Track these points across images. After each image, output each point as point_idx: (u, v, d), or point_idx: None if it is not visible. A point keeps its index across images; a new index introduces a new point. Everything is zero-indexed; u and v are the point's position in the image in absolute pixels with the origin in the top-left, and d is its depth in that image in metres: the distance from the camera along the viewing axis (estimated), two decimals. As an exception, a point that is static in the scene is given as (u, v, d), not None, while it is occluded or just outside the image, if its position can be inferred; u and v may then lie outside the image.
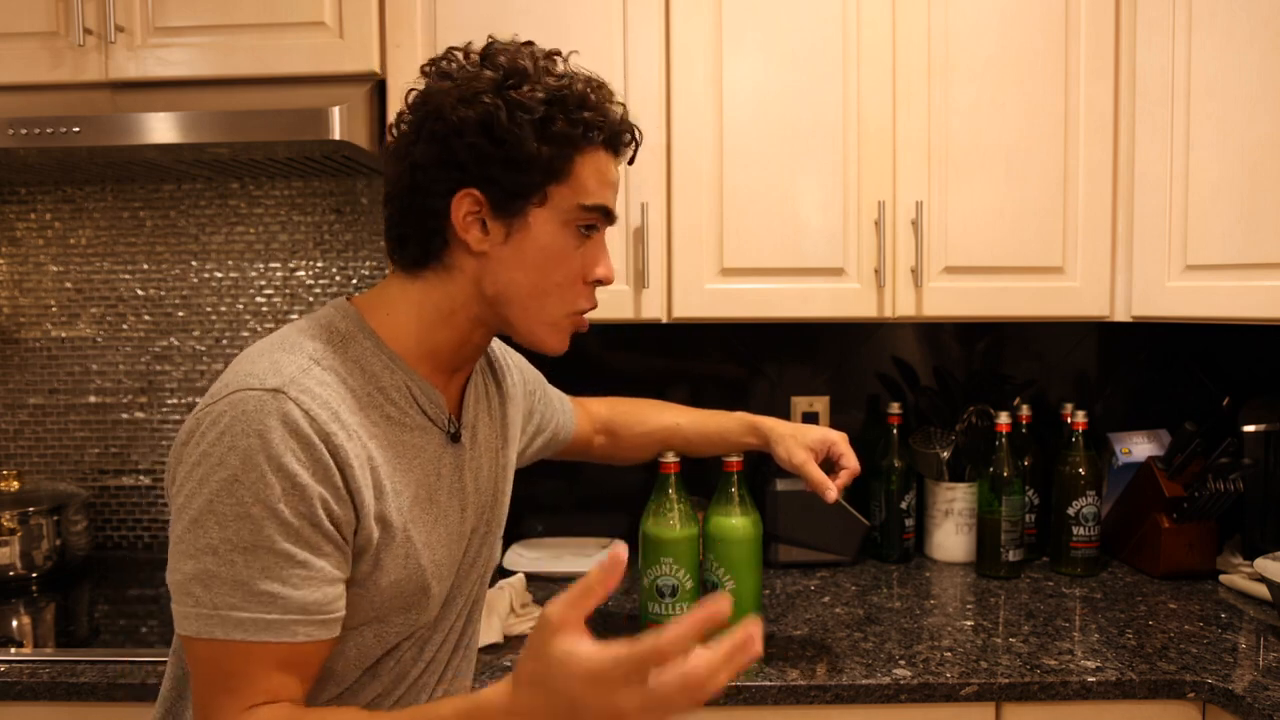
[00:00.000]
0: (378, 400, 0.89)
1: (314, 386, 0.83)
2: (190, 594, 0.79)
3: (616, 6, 1.57)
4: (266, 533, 0.79)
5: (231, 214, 1.94)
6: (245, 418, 0.79)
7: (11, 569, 1.68)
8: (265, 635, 0.79)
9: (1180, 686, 1.27)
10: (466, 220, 0.89)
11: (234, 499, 0.78)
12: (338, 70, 1.56)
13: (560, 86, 0.88)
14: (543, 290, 0.92)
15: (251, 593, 0.79)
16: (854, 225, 1.60)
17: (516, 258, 0.90)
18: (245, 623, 0.78)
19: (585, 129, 0.89)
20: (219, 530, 0.78)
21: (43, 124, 1.45)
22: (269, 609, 0.79)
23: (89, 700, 1.31)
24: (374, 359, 0.90)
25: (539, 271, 0.91)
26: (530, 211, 0.89)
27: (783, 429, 1.30)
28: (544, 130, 0.87)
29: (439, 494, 0.94)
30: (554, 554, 1.79)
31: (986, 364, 1.96)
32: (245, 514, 0.78)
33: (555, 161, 0.88)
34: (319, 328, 0.90)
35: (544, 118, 0.87)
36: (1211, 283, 1.52)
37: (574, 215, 0.90)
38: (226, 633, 0.78)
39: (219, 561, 0.78)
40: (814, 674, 1.28)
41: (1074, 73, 1.59)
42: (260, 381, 0.81)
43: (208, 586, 0.78)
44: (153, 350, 1.95)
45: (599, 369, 1.93)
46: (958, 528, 1.79)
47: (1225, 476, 1.61)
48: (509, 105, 0.86)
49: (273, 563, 0.79)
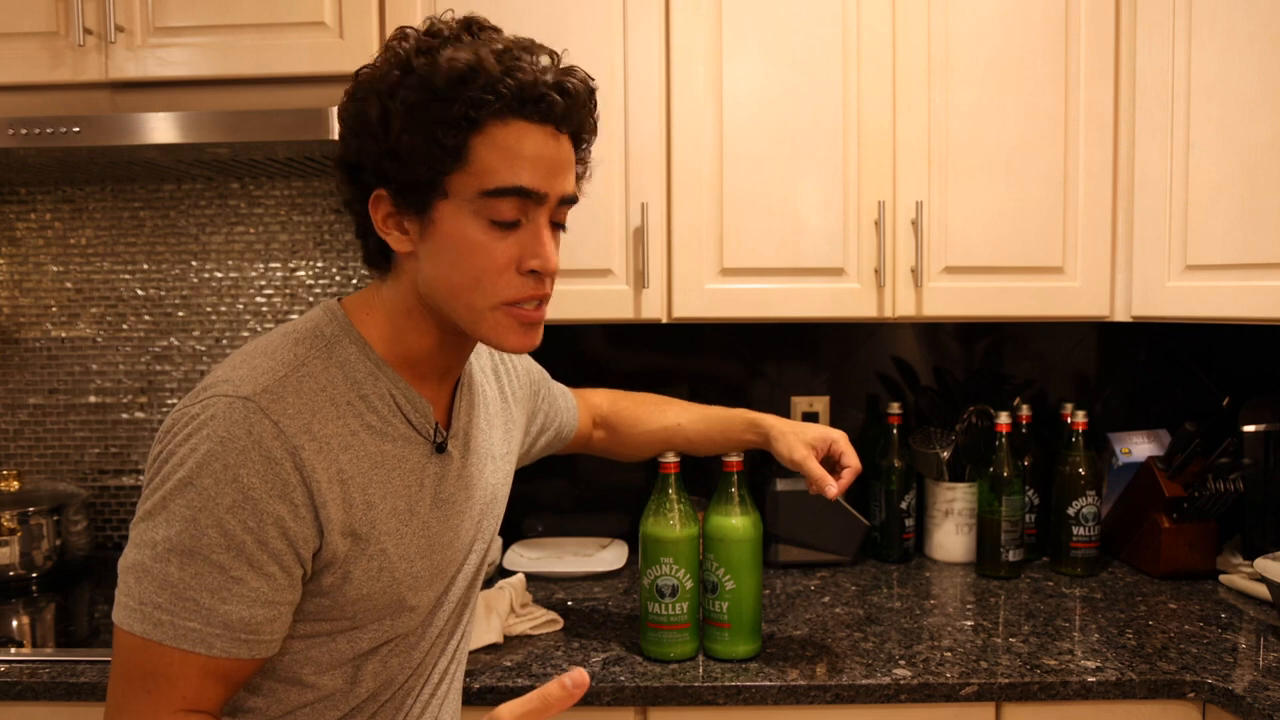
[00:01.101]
0: (359, 409, 0.87)
1: (289, 396, 0.82)
2: (125, 583, 0.80)
3: (616, 6, 1.57)
4: (206, 540, 0.78)
5: (231, 214, 1.94)
6: (212, 423, 0.79)
7: (11, 569, 1.68)
8: (183, 643, 0.78)
9: (1180, 686, 1.27)
10: (386, 223, 0.87)
11: (184, 501, 0.78)
12: (338, 70, 1.56)
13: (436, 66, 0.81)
14: (463, 286, 0.85)
15: (179, 596, 0.78)
16: (854, 225, 1.60)
17: (435, 254, 0.85)
18: (165, 624, 0.78)
19: (470, 106, 0.80)
20: (164, 528, 0.78)
21: (43, 124, 1.45)
22: (191, 617, 0.78)
23: (89, 700, 1.31)
24: (359, 365, 0.88)
25: (455, 267, 0.85)
26: (437, 205, 0.84)
27: (784, 426, 1.30)
28: (414, 118, 0.81)
29: (420, 505, 0.92)
30: (554, 554, 1.79)
31: (986, 364, 1.96)
32: (191, 518, 0.78)
33: (442, 150, 0.81)
34: (305, 331, 0.89)
35: (414, 104, 0.81)
36: (1211, 283, 1.52)
37: (479, 203, 0.83)
38: (146, 631, 0.78)
39: (156, 558, 0.78)
40: (814, 674, 1.28)
41: (1074, 74, 1.59)
42: (234, 388, 0.81)
43: (140, 580, 0.79)
44: (153, 350, 1.95)
45: (599, 369, 1.93)
46: (958, 528, 1.79)
47: (1225, 476, 1.61)
48: (381, 97, 0.82)
49: (205, 571, 0.78)
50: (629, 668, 1.31)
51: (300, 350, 0.86)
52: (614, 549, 1.83)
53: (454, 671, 1.04)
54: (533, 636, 1.44)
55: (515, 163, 0.83)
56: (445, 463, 0.96)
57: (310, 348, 0.87)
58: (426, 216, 0.85)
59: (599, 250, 1.59)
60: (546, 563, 1.75)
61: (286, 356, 0.85)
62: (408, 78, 0.82)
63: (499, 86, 0.81)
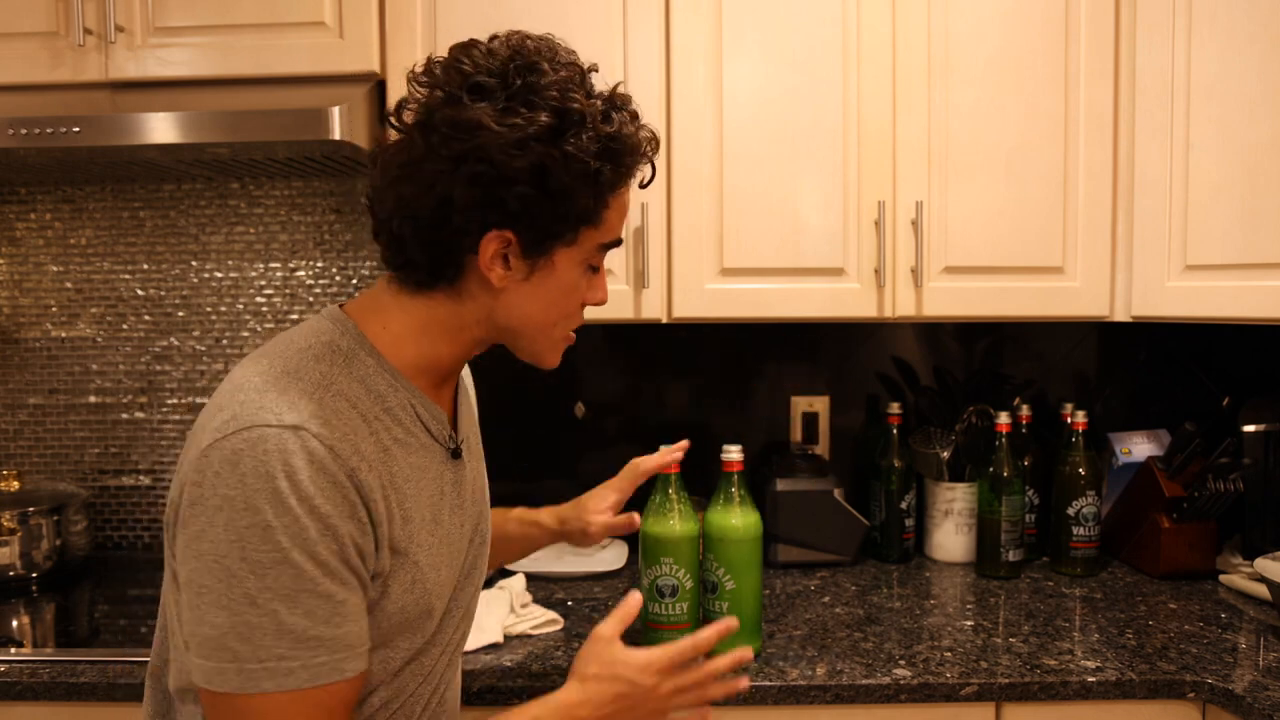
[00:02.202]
0: (386, 422, 0.86)
1: (331, 418, 0.80)
2: (226, 649, 0.75)
3: (616, 7, 1.57)
4: (309, 576, 0.76)
5: (231, 214, 1.94)
6: (269, 458, 0.76)
7: (11, 569, 1.68)
8: (320, 679, 0.77)
9: (1180, 686, 1.27)
10: (494, 259, 0.86)
11: (270, 545, 0.75)
12: (338, 70, 1.56)
13: (611, 134, 0.86)
14: (550, 321, 0.93)
15: (299, 640, 0.76)
16: (854, 225, 1.60)
17: (533, 293, 0.90)
18: (297, 670, 0.76)
19: (628, 175, 0.90)
20: (256, 580, 0.75)
21: (43, 124, 1.45)
22: (317, 652, 0.77)
23: (89, 700, 1.31)
24: (378, 377, 0.87)
25: (553, 305, 0.92)
26: (557, 251, 0.88)
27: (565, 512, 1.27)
28: (595, 181, 0.86)
29: (442, 513, 0.92)
30: (554, 554, 1.79)
31: (986, 364, 1.96)
32: (284, 559, 0.75)
33: (595, 208, 0.88)
34: (321, 347, 0.86)
35: (596, 170, 0.85)
36: (1211, 283, 1.52)
37: (594, 253, 0.91)
38: (278, 684, 0.75)
39: (260, 612, 0.75)
40: (814, 674, 1.28)
41: (1074, 74, 1.59)
42: (277, 418, 0.78)
43: (248, 639, 0.75)
44: (153, 350, 1.95)
45: (599, 369, 1.93)
46: (958, 528, 1.79)
47: (1225, 476, 1.61)
48: (565, 157, 0.83)
49: (316, 606, 0.77)
50: (629, 668, 1.31)
51: (323, 368, 0.84)
52: (614, 549, 1.83)
53: (453, 676, 1.04)
54: (533, 636, 1.44)
55: (622, 218, 0.93)
56: (458, 468, 0.96)
57: (331, 364, 0.85)
58: (545, 260, 0.88)
59: (599, 250, 1.58)
60: (546, 563, 1.74)
61: (314, 377, 0.83)
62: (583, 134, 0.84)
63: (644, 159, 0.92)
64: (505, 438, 1.26)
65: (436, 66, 0.86)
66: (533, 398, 1.90)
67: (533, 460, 1.37)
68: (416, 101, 0.86)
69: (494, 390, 1.18)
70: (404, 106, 0.87)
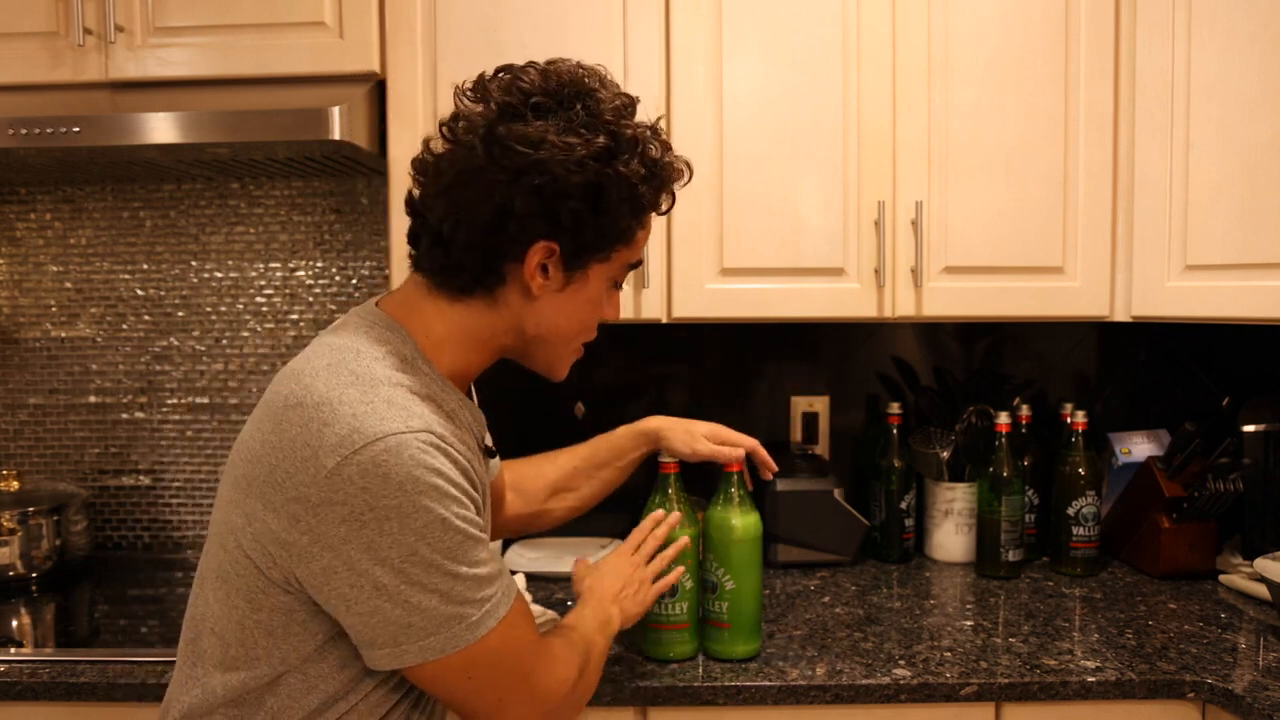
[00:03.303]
0: (450, 425, 0.91)
1: (438, 417, 0.88)
2: (450, 617, 0.85)
3: (616, 7, 1.57)
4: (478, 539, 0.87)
5: (231, 214, 1.94)
6: (416, 462, 0.82)
7: (11, 569, 1.68)
8: (513, 594, 0.91)
9: (1180, 686, 1.27)
10: (536, 269, 0.92)
11: (452, 531, 0.84)
12: (338, 70, 1.56)
13: (655, 161, 0.94)
14: (574, 332, 1.00)
15: (489, 581, 0.88)
16: (854, 225, 1.60)
17: (565, 305, 0.96)
18: (501, 600, 0.89)
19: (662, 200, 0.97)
20: (453, 561, 0.84)
21: (43, 124, 1.45)
22: (501, 580, 0.90)
23: (89, 700, 1.31)
24: (434, 383, 0.93)
25: (579, 318, 0.98)
26: (592, 266, 0.95)
27: (670, 423, 1.32)
28: (637, 204, 0.94)
29: (485, 510, 0.97)
30: (554, 554, 1.79)
31: (986, 364, 1.96)
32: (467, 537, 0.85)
33: (632, 228, 0.95)
34: (394, 358, 0.91)
35: (641, 193, 0.93)
36: (1211, 283, 1.52)
37: (621, 271, 0.99)
38: (498, 617, 0.88)
39: (463, 580, 0.85)
40: (814, 674, 1.28)
41: (1074, 74, 1.59)
42: (405, 424, 0.83)
43: (464, 601, 0.85)
44: (153, 350, 1.95)
45: (599, 369, 1.93)
46: (958, 528, 1.79)
47: (1225, 476, 1.61)
48: (617, 178, 0.90)
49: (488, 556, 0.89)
50: (629, 667, 1.31)
51: (406, 379, 0.90)
52: (614, 549, 1.83)
53: None
54: (533, 636, 1.44)
55: (646, 241, 1.01)
56: (489, 467, 1.03)
57: (409, 374, 0.90)
58: (580, 274, 0.95)
59: (599, 250, 1.58)
60: (546, 563, 1.74)
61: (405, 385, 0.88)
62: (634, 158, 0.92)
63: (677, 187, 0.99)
64: (505, 437, 1.26)
65: (491, 84, 0.92)
66: (533, 397, 1.90)
67: (533, 460, 1.40)
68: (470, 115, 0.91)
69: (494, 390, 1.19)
70: (459, 119, 0.92)
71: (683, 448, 1.28)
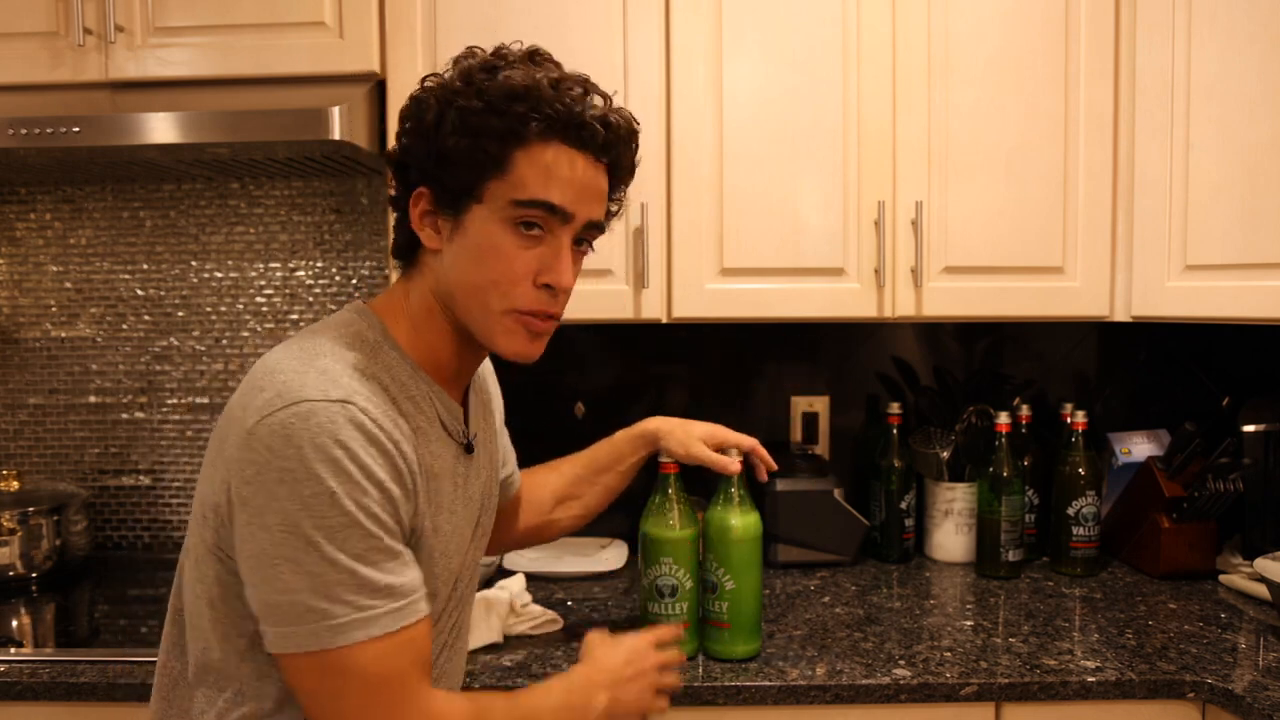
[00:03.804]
0: (409, 410, 0.90)
1: (373, 396, 0.85)
2: (311, 609, 0.79)
3: (616, 7, 1.57)
4: (375, 535, 0.81)
5: (231, 214, 1.94)
6: (323, 430, 0.79)
7: (11, 569, 1.68)
8: (401, 620, 0.82)
9: (1180, 686, 1.27)
10: (422, 220, 0.92)
11: (337, 509, 0.79)
12: (338, 70, 1.56)
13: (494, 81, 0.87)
14: (480, 287, 0.90)
15: (377, 590, 0.81)
16: (854, 225, 1.60)
17: (460, 254, 0.90)
18: (381, 617, 0.81)
19: (518, 121, 0.87)
20: (330, 543, 0.79)
21: (43, 124, 1.45)
22: (394, 598, 0.82)
23: (89, 700, 1.31)
24: (400, 369, 0.91)
25: (477, 268, 0.90)
26: (471, 208, 0.89)
27: (669, 424, 1.30)
28: (466, 125, 0.87)
29: (456, 504, 0.96)
30: (554, 554, 1.79)
31: (986, 364, 1.96)
32: (353, 522, 0.80)
33: (486, 157, 0.87)
34: (350, 336, 0.90)
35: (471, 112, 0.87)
36: (1211, 283, 1.52)
37: (509, 211, 0.88)
38: (367, 632, 0.80)
39: (338, 570, 0.79)
40: (814, 674, 1.28)
41: (1074, 74, 1.59)
42: (323, 394, 0.81)
43: (331, 597, 0.79)
44: (153, 350, 1.95)
45: (599, 369, 1.93)
46: (958, 528, 1.79)
47: (1225, 476, 1.61)
48: (442, 105, 0.88)
49: (383, 559, 0.82)
50: (629, 668, 1.31)
51: (355, 355, 0.88)
52: (614, 549, 1.83)
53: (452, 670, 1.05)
54: (533, 636, 1.44)
55: (550, 180, 0.89)
56: (469, 463, 1.00)
57: (361, 352, 0.89)
58: (459, 218, 0.90)
59: (599, 250, 1.56)
60: (546, 563, 1.74)
61: (348, 360, 0.87)
62: (467, 88, 0.88)
63: (547, 109, 0.87)
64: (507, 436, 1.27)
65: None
66: (532, 397, 1.90)
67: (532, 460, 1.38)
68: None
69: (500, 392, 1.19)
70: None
71: (679, 449, 1.28)
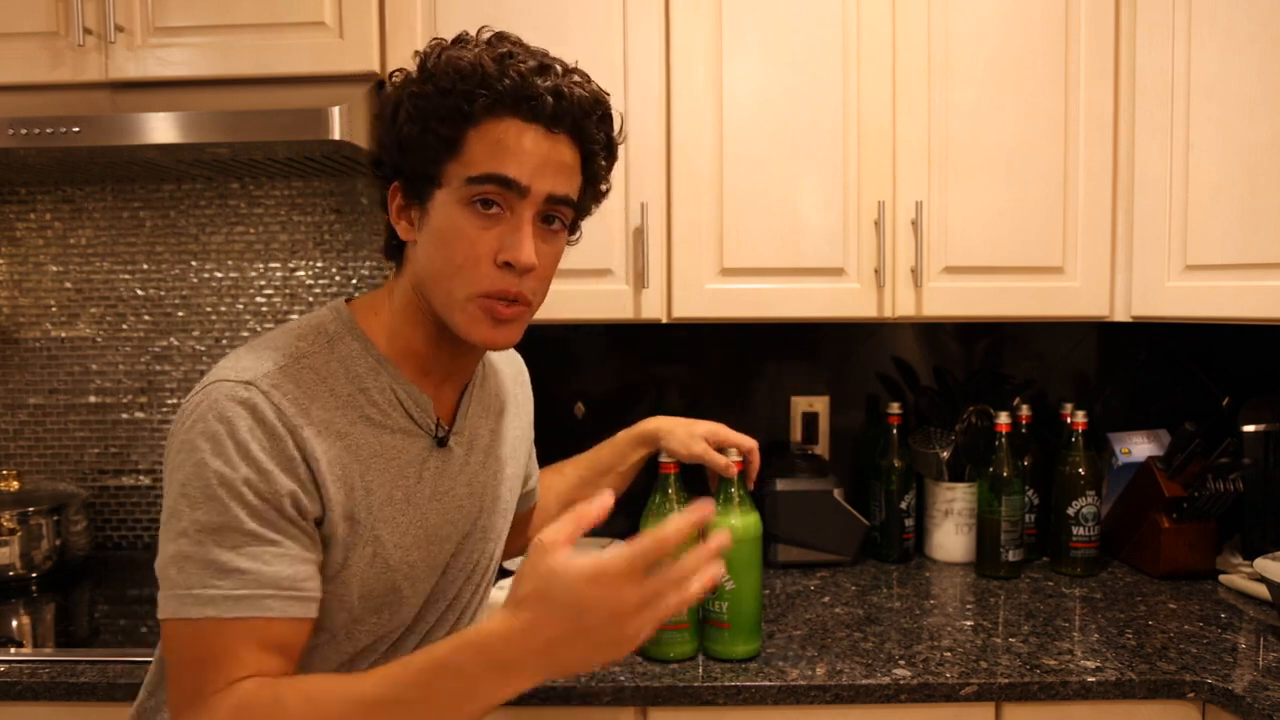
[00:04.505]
0: (358, 401, 0.90)
1: (287, 383, 0.86)
2: (167, 577, 0.82)
3: (616, 7, 1.57)
4: (233, 513, 0.81)
5: (231, 214, 1.94)
6: (216, 405, 0.82)
7: (11, 569, 1.68)
8: (238, 610, 0.80)
9: (1180, 686, 1.27)
10: (399, 214, 0.93)
11: (201, 482, 0.81)
12: (338, 70, 1.56)
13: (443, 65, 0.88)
14: (445, 272, 0.89)
15: (222, 570, 0.80)
16: (854, 225, 1.60)
17: (427, 242, 0.90)
18: (217, 599, 0.80)
19: (464, 100, 0.86)
20: (190, 513, 0.81)
21: (43, 124, 1.45)
22: (240, 585, 0.80)
23: (89, 700, 1.31)
24: (360, 360, 0.92)
25: (440, 253, 0.89)
26: (434, 194, 0.89)
27: (671, 424, 1.30)
28: (416, 110, 0.88)
29: (418, 496, 0.95)
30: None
31: (986, 364, 1.96)
32: (213, 495, 0.81)
33: (439, 140, 0.87)
34: (309, 328, 0.93)
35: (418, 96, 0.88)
36: (1211, 283, 1.52)
37: (464, 190, 0.87)
38: (200, 610, 0.80)
39: (191, 543, 0.81)
40: (814, 674, 1.28)
41: (1074, 74, 1.59)
42: (236, 374, 0.85)
43: (182, 568, 0.81)
44: (153, 350, 1.95)
45: (599, 369, 1.93)
46: (957, 528, 1.79)
47: (1225, 476, 1.61)
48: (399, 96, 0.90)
49: (242, 541, 0.81)
50: (629, 667, 1.31)
51: (303, 344, 0.90)
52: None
53: None
54: (533, 636, 1.44)
55: (502, 154, 0.87)
56: (447, 457, 0.98)
57: (312, 343, 0.91)
58: (424, 206, 0.90)
59: (599, 250, 1.58)
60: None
61: (290, 349, 0.89)
62: (419, 75, 0.89)
63: (493, 84, 0.86)
64: (534, 451, 1.27)
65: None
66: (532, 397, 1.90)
67: (533, 460, 1.40)
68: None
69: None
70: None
71: (681, 449, 1.28)
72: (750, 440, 1.31)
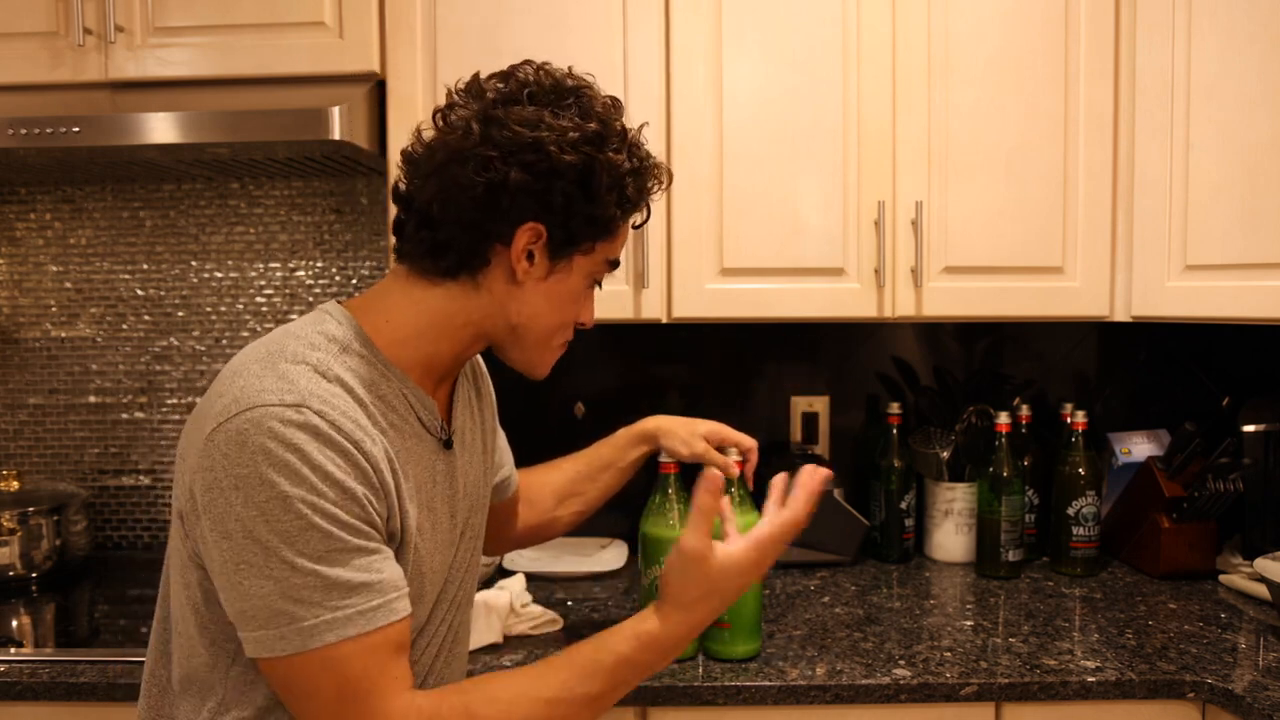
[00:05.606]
0: (380, 408, 0.89)
1: (330, 397, 0.83)
2: (281, 614, 0.78)
3: (616, 7, 1.57)
4: (336, 535, 0.80)
5: (231, 214, 1.94)
6: (275, 434, 0.79)
7: (11, 569, 1.68)
8: (378, 620, 0.81)
9: (1180, 686, 1.27)
10: (522, 252, 0.91)
11: (292, 513, 0.78)
12: (338, 70, 1.56)
13: (642, 158, 0.95)
14: (554, 326, 0.97)
15: (348, 588, 0.80)
16: (854, 225, 1.60)
17: (548, 295, 0.94)
18: (354, 617, 0.80)
19: (644, 198, 0.96)
20: (289, 547, 0.78)
21: (43, 124, 1.45)
22: (371, 596, 0.81)
23: (89, 700, 1.31)
24: (369, 367, 0.90)
25: (559, 311, 0.96)
26: (575, 258, 0.94)
27: (672, 423, 1.31)
28: (622, 195, 0.93)
29: (435, 500, 0.95)
30: (554, 554, 1.79)
31: (986, 364, 1.96)
32: (310, 524, 0.79)
33: (614, 223, 0.95)
34: (316, 335, 0.89)
35: (625, 184, 0.93)
36: (1211, 283, 1.52)
37: (600, 268, 0.97)
38: (339, 634, 0.79)
39: (301, 574, 0.78)
40: (814, 674, 1.28)
41: (1074, 74, 1.59)
42: (279, 397, 0.81)
43: (299, 600, 0.78)
44: (153, 350, 1.95)
45: (599, 369, 1.93)
46: (958, 528, 1.79)
47: (1225, 476, 1.61)
48: (606, 164, 0.91)
49: (351, 557, 0.81)
50: (629, 668, 1.31)
51: (319, 355, 0.87)
52: (614, 549, 1.83)
53: (450, 673, 1.04)
54: (532, 636, 1.44)
55: (624, 242, 1.00)
56: (450, 459, 0.99)
57: (326, 352, 0.88)
58: (565, 263, 0.94)
59: (599, 250, 1.58)
60: (546, 563, 1.75)
61: (311, 361, 0.86)
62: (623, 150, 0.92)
63: (658, 189, 0.99)
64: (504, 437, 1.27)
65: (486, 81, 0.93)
66: (532, 397, 1.90)
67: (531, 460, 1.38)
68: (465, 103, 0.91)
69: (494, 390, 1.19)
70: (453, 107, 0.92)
71: (681, 448, 1.28)
72: (750, 440, 1.32)
